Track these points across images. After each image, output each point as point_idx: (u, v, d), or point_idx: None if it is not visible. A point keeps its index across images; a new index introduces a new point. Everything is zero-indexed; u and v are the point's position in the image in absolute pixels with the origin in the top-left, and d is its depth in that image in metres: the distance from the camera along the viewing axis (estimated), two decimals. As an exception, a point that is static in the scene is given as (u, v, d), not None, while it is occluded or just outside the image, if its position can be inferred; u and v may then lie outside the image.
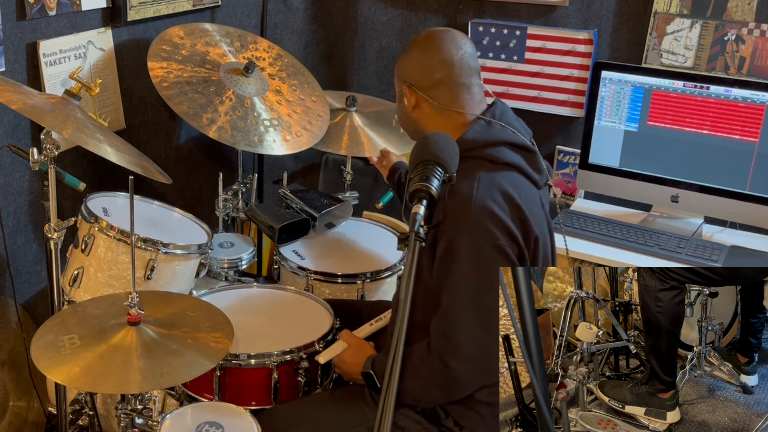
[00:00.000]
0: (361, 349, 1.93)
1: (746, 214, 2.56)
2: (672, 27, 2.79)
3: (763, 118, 2.46)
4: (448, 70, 1.81)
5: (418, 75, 1.83)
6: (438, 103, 1.82)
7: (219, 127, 2.43)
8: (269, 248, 3.28)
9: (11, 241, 2.33)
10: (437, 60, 1.81)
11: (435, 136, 1.59)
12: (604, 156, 2.72)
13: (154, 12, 2.68)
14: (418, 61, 1.83)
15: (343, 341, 1.96)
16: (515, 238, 1.70)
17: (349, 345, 1.95)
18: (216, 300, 2.11)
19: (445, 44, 1.82)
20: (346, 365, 1.93)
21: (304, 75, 2.87)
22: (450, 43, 1.82)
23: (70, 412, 2.10)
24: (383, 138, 2.78)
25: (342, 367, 1.95)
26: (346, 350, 1.94)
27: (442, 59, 1.81)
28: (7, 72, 2.20)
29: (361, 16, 3.37)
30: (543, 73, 2.98)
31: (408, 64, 1.86)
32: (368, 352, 1.91)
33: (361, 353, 1.91)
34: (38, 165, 1.93)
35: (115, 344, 1.67)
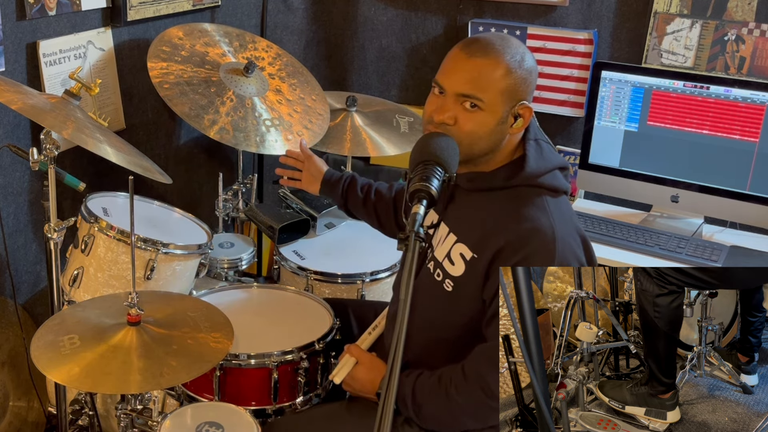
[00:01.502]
0: (375, 366, 1.84)
1: (746, 214, 2.56)
2: (672, 27, 2.79)
3: (763, 118, 2.46)
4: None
5: (528, 92, 1.67)
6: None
7: (221, 128, 2.43)
8: (269, 248, 3.28)
9: (11, 241, 2.33)
10: (535, 75, 1.69)
11: (435, 136, 1.59)
12: (604, 156, 2.72)
13: (154, 12, 2.68)
14: (531, 74, 1.67)
15: (351, 356, 1.87)
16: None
17: (360, 361, 1.85)
18: (216, 300, 2.11)
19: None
20: (360, 383, 1.84)
21: (303, 74, 2.87)
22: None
23: (70, 412, 2.10)
24: (384, 138, 2.79)
25: (354, 385, 1.85)
26: (358, 367, 1.85)
27: (534, 74, 1.69)
28: (7, 72, 2.20)
29: (361, 16, 3.37)
30: (543, 73, 2.98)
31: (523, 83, 1.65)
32: (382, 369, 1.82)
33: (375, 371, 1.82)
34: (38, 165, 1.93)
35: (115, 344, 1.67)
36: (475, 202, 1.72)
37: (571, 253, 1.63)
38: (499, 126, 1.64)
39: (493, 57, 1.62)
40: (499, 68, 1.61)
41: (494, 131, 1.64)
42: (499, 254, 1.61)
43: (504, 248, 1.61)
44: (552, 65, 2.97)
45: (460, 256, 1.69)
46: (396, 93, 3.38)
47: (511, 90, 1.62)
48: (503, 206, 1.67)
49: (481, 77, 1.61)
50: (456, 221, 1.74)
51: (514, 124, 1.66)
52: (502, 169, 1.70)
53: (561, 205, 1.69)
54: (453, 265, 1.70)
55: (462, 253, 1.69)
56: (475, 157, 1.67)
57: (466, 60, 1.63)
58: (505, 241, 1.61)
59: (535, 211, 1.63)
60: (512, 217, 1.63)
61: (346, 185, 2.23)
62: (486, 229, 1.65)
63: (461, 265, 1.68)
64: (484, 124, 1.63)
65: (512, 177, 1.68)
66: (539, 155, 1.69)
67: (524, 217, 1.62)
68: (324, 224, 2.68)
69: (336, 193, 2.25)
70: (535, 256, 1.59)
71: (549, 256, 1.59)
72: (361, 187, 2.22)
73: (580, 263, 1.64)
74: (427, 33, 3.26)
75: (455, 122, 1.63)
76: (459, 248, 1.70)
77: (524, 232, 1.60)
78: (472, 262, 1.66)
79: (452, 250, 1.71)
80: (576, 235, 1.67)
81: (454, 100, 1.63)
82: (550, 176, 1.68)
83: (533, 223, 1.61)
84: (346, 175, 2.26)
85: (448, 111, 1.63)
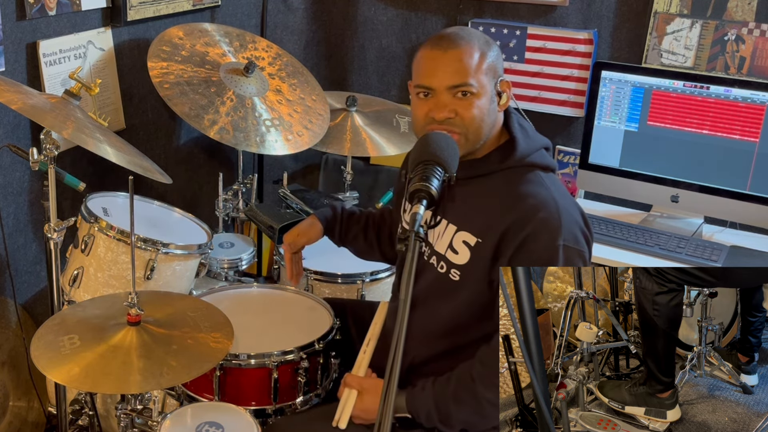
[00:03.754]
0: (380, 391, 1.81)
1: (746, 214, 2.56)
2: (672, 27, 2.79)
3: (763, 118, 2.46)
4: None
5: (501, 68, 1.76)
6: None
7: (221, 128, 2.43)
8: (269, 248, 3.28)
9: (11, 241, 2.33)
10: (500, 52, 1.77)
11: (435, 136, 1.60)
12: (604, 156, 2.72)
13: (154, 12, 2.68)
14: (498, 51, 1.75)
15: (351, 389, 1.79)
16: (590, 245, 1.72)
17: (363, 390, 1.78)
18: (216, 300, 2.11)
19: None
20: (372, 414, 1.74)
21: (303, 74, 2.87)
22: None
23: (70, 412, 2.10)
24: (384, 138, 2.78)
25: (366, 416, 1.76)
26: (363, 398, 1.77)
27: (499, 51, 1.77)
28: (7, 72, 2.20)
29: (361, 16, 3.37)
30: (543, 73, 2.98)
31: (497, 59, 1.73)
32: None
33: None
34: (38, 165, 1.93)
35: (115, 344, 1.67)
36: (471, 189, 1.74)
37: (574, 223, 1.66)
38: (492, 105, 1.71)
39: (465, 44, 1.69)
40: (474, 52, 1.68)
41: (490, 111, 1.71)
42: (506, 234, 1.65)
43: (510, 227, 1.64)
44: (552, 65, 2.97)
45: (463, 244, 1.71)
46: (396, 93, 3.38)
47: (491, 68, 1.70)
48: (501, 188, 1.70)
49: (463, 65, 1.67)
50: (453, 211, 1.76)
51: (500, 101, 1.74)
52: (493, 154, 1.75)
53: (554, 180, 1.74)
54: (457, 254, 1.72)
55: (465, 241, 1.71)
56: (481, 142, 1.72)
57: (442, 55, 1.68)
58: (511, 220, 1.64)
59: (533, 187, 1.67)
60: (513, 196, 1.67)
61: (343, 225, 2.16)
62: (488, 213, 1.68)
63: (466, 253, 1.71)
64: (482, 106, 1.69)
65: (505, 159, 1.72)
66: (526, 136, 1.76)
67: (525, 194, 1.66)
68: (324, 224, 2.67)
69: (334, 237, 2.18)
70: (542, 229, 1.62)
71: (555, 227, 1.62)
72: (357, 220, 2.16)
73: (582, 232, 1.67)
74: (427, 33, 3.26)
75: (456, 114, 1.67)
76: (461, 236, 1.72)
77: (529, 208, 1.64)
78: (477, 247, 1.69)
79: (454, 239, 1.73)
80: (575, 205, 1.71)
81: (446, 95, 1.68)
82: (539, 155, 1.74)
83: (535, 198, 1.65)
84: (340, 213, 2.16)
85: (445, 106, 1.67)
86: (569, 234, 1.63)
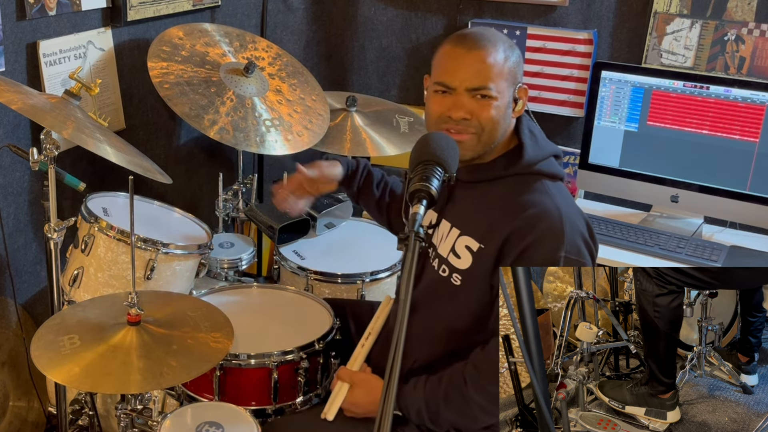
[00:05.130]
0: (371, 385, 1.79)
1: (746, 214, 2.56)
2: (672, 27, 2.80)
3: (763, 118, 2.46)
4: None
5: (522, 74, 1.75)
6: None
7: (221, 128, 2.43)
8: (269, 248, 3.28)
9: (11, 241, 2.33)
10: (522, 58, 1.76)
11: (435, 136, 1.59)
12: (604, 156, 2.72)
13: (154, 12, 2.68)
14: (520, 56, 1.74)
15: (343, 382, 1.81)
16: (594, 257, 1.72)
17: (354, 384, 1.79)
18: (216, 300, 2.11)
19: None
20: (362, 407, 1.77)
21: (303, 74, 2.87)
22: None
23: (70, 412, 2.10)
24: (384, 138, 2.78)
25: (356, 410, 1.78)
26: (354, 391, 1.79)
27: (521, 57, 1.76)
28: (7, 72, 2.20)
29: (361, 16, 3.37)
30: (543, 73, 2.98)
31: (518, 65, 1.72)
32: (380, 385, 1.70)
33: (374, 390, 1.77)
34: (38, 165, 1.93)
35: (115, 344, 1.67)
36: (476, 194, 1.74)
37: (578, 234, 1.65)
38: (508, 110, 1.71)
39: (490, 47, 1.67)
40: (498, 55, 1.67)
41: (506, 116, 1.70)
42: (507, 241, 1.64)
43: (512, 234, 1.63)
44: (552, 65, 2.97)
45: (466, 249, 1.71)
46: (396, 93, 3.38)
47: (511, 73, 1.69)
48: (505, 194, 1.70)
49: (486, 68, 1.66)
50: (457, 215, 1.76)
51: (516, 107, 1.73)
52: (501, 159, 1.74)
53: (561, 189, 1.73)
54: (459, 259, 1.72)
55: (468, 246, 1.71)
56: (492, 146, 1.71)
57: (466, 55, 1.67)
58: (513, 228, 1.63)
59: (538, 195, 1.67)
60: (517, 204, 1.66)
61: (361, 181, 2.15)
62: (491, 218, 1.68)
63: (468, 258, 1.71)
64: (499, 110, 1.68)
65: (511, 165, 1.72)
66: (535, 143, 1.74)
67: (529, 203, 1.65)
68: (324, 224, 2.67)
69: (351, 189, 2.16)
70: (544, 239, 1.62)
71: (558, 238, 1.61)
72: (377, 184, 2.16)
73: (586, 243, 1.67)
74: (427, 33, 3.26)
75: (472, 115, 1.67)
76: (464, 241, 1.72)
77: (531, 217, 1.63)
78: (479, 252, 1.69)
79: (456, 243, 1.73)
80: (580, 216, 1.70)
81: (465, 95, 1.67)
82: (546, 163, 1.73)
83: (538, 208, 1.64)
84: (362, 169, 2.15)
85: (463, 106, 1.67)
86: (572, 245, 1.62)
